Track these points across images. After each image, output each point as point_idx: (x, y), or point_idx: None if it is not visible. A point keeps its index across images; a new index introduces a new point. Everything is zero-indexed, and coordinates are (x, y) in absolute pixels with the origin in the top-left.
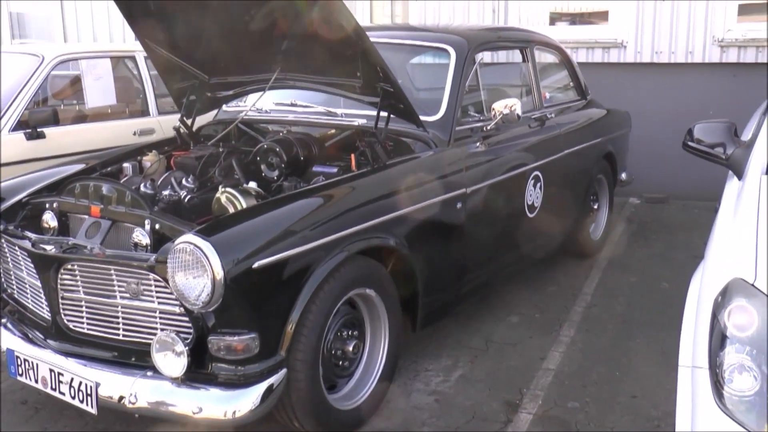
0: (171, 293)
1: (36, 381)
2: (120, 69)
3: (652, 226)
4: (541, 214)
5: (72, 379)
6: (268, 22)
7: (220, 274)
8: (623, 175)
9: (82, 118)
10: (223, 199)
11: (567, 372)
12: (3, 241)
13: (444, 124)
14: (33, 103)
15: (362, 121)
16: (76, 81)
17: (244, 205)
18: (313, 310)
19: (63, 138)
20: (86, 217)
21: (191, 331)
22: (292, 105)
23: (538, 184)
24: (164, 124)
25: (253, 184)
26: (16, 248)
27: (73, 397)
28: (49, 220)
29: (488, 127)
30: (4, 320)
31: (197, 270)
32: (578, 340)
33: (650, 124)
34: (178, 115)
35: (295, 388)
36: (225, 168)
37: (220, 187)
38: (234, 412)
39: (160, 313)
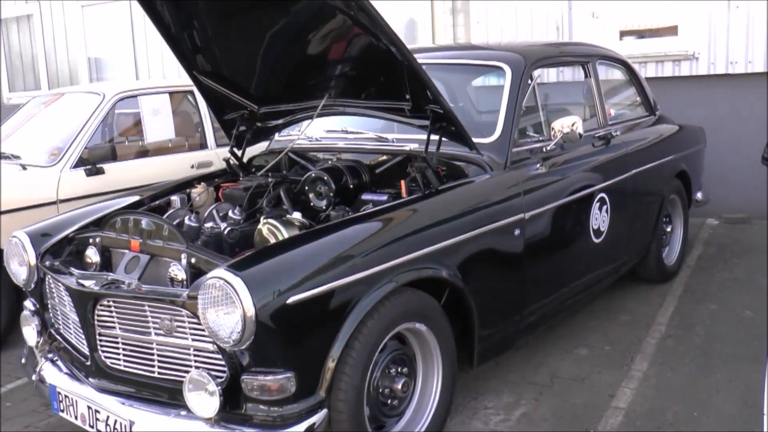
0: (204, 330)
1: (75, 417)
2: (180, 104)
3: (732, 249)
4: (608, 238)
5: (108, 417)
6: (317, 48)
7: (251, 310)
8: (698, 195)
9: (141, 153)
10: (265, 230)
11: (639, 411)
12: (49, 277)
13: (500, 146)
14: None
15: (414, 146)
16: (138, 119)
17: (286, 237)
18: (356, 347)
19: (122, 173)
20: (126, 251)
21: (225, 369)
22: (343, 132)
23: (604, 207)
24: (222, 157)
25: (297, 215)
26: (60, 284)
27: None
28: (92, 255)
29: (548, 148)
30: (50, 355)
31: (227, 306)
32: (652, 375)
33: (727, 140)
34: None
35: (338, 430)
36: (273, 198)
37: (261, 218)
38: None
39: (194, 350)
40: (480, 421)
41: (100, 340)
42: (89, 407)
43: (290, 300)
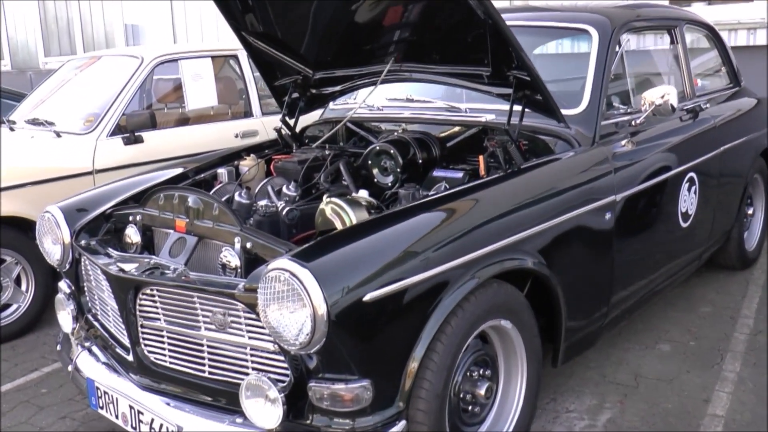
0: (263, 327)
1: (116, 417)
2: (223, 69)
3: None
4: (695, 222)
5: (152, 420)
6: (380, 6)
7: (322, 308)
8: None
9: (182, 121)
10: (328, 210)
11: (740, 421)
12: (85, 258)
13: (587, 118)
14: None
15: (490, 117)
16: (178, 85)
17: (353, 219)
18: (439, 350)
19: (162, 142)
20: (171, 232)
21: (288, 373)
22: (408, 100)
23: (693, 188)
24: (268, 126)
25: (363, 193)
26: (97, 267)
27: None
28: (132, 234)
29: (637, 121)
30: (87, 344)
31: (294, 303)
32: (746, 377)
33: None
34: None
35: None
36: (331, 173)
37: (324, 196)
38: None
39: (251, 349)
40: (563, 426)
41: (143, 333)
42: (131, 407)
43: (367, 297)
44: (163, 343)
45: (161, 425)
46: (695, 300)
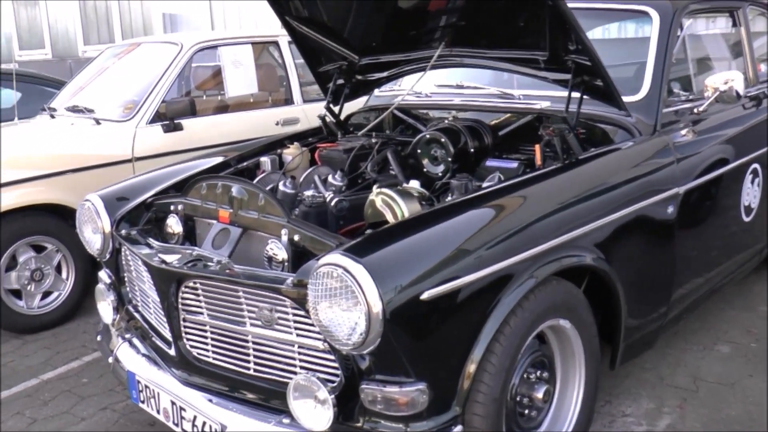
0: (312, 324)
1: (158, 411)
2: (262, 56)
3: None
4: (757, 216)
5: (195, 417)
6: None
7: (377, 307)
8: None
9: (222, 108)
10: (379, 202)
11: None
12: (125, 248)
13: (648, 105)
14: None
15: (545, 104)
16: (217, 71)
17: (405, 211)
18: (497, 351)
19: (201, 129)
20: (214, 222)
21: (339, 373)
22: (458, 87)
23: (757, 180)
24: (310, 113)
25: (415, 183)
26: (138, 258)
27: None
28: (174, 224)
29: (699, 109)
30: (128, 335)
31: (347, 301)
32: None
33: None
34: (324, 103)
35: None
36: (378, 162)
37: (374, 187)
38: None
39: (299, 347)
40: (620, 430)
41: (185, 327)
42: (173, 403)
43: (424, 295)
44: (206, 338)
45: (204, 423)
46: (753, 298)
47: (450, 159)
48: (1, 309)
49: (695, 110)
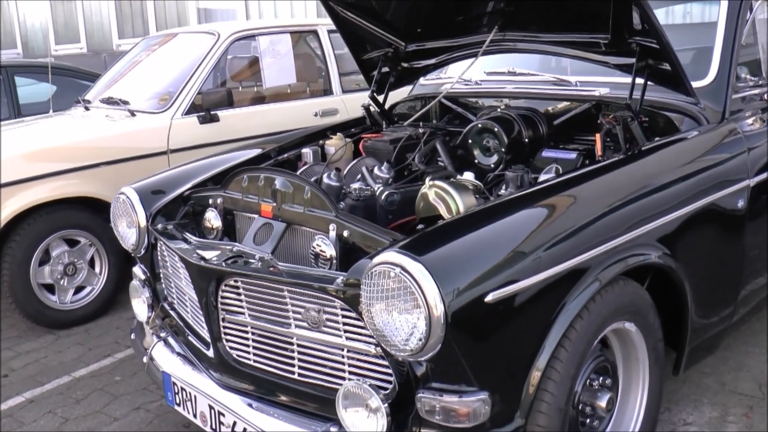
0: (364, 328)
1: (194, 415)
2: (300, 46)
3: None
4: None
5: (235, 423)
6: None
7: (439, 309)
8: None
9: (259, 99)
10: (432, 195)
11: None
12: (161, 243)
13: (716, 91)
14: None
15: (604, 91)
16: (255, 62)
17: (460, 205)
18: (562, 357)
19: (238, 121)
20: (255, 217)
21: (392, 379)
22: (510, 74)
23: None
24: (348, 104)
25: (469, 175)
26: (175, 255)
27: None
28: (212, 219)
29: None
30: (163, 334)
31: (405, 303)
32: None
33: None
34: (366, 93)
35: None
36: (426, 153)
37: (427, 179)
38: None
39: (348, 351)
40: None
41: (225, 327)
42: (211, 407)
43: (488, 297)
44: (247, 339)
45: (245, 429)
46: None
47: (503, 149)
48: (34, 304)
49: (764, 96)
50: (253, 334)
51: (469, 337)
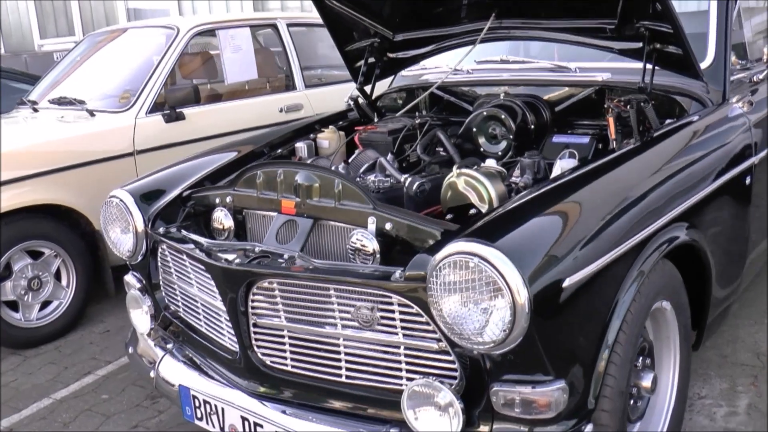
0: (425, 323)
1: (222, 429)
2: (259, 41)
3: None
4: None
5: None
6: None
7: (523, 297)
8: None
9: (220, 96)
10: (461, 183)
11: None
12: (165, 247)
13: (716, 73)
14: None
15: (606, 76)
16: (207, 57)
17: (492, 192)
18: (622, 340)
19: (204, 118)
20: (275, 214)
21: (456, 375)
22: (503, 62)
23: None
24: (312, 99)
25: (491, 162)
26: (184, 257)
27: None
28: (223, 219)
29: (760, 77)
30: (169, 346)
31: (485, 293)
32: None
33: None
34: (329, 88)
35: None
36: (427, 144)
37: (454, 168)
38: None
39: (405, 348)
40: (703, 415)
41: (256, 333)
42: (245, 419)
43: (566, 282)
44: (283, 344)
45: None
46: None
47: (512, 136)
48: None
49: (755, 77)
50: (290, 338)
51: (547, 324)
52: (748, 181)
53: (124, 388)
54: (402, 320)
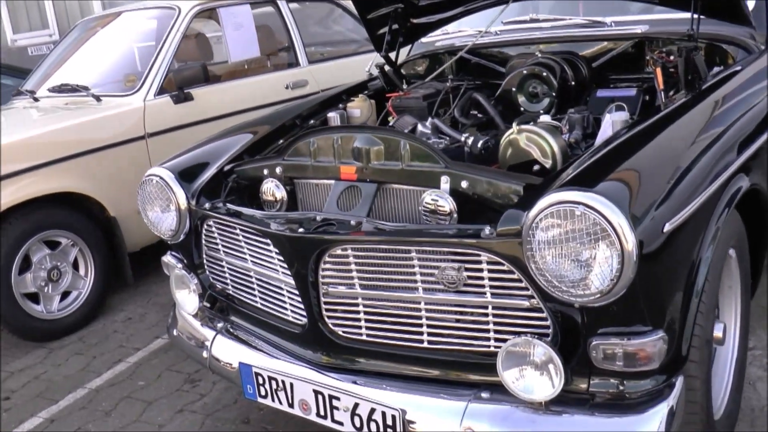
0: (517, 281)
1: (291, 405)
2: (259, 18)
3: None
4: None
5: (357, 405)
6: None
7: (631, 243)
8: None
9: (228, 74)
10: (523, 140)
11: None
12: (212, 223)
13: (758, 17)
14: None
15: (644, 28)
16: (201, 38)
17: (555, 146)
18: (707, 288)
19: (212, 98)
20: (330, 182)
21: (550, 332)
22: (533, 21)
23: None
24: (316, 75)
25: (546, 118)
26: (237, 231)
27: (360, 429)
28: (274, 190)
29: None
30: (220, 325)
31: (591, 242)
32: None
33: None
34: (332, 63)
35: (691, 403)
36: (464, 106)
37: (514, 124)
38: None
39: (493, 309)
40: (756, 366)
41: (327, 303)
42: (318, 392)
43: (666, 227)
44: (357, 312)
45: (372, 410)
46: None
47: (554, 94)
48: (20, 317)
49: None
50: (365, 306)
51: (649, 272)
52: None
53: (159, 374)
54: (491, 279)
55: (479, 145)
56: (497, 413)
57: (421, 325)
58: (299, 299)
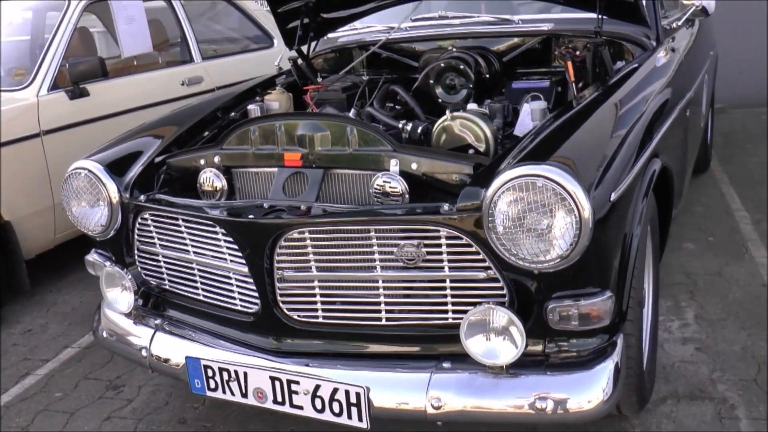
0: (474, 253)
1: (244, 395)
2: (149, 12)
3: (736, 136)
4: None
5: (317, 387)
6: None
7: (587, 211)
8: None
9: (119, 70)
10: (457, 126)
11: None
12: (148, 216)
13: (650, 18)
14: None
15: (550, 26)
16: (85, 33)
17: (487, 131)
18: (640, 250)
19: (109, 94)
20: (273, 170)
21: (506, 300)
22: (441, 18)
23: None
24: (211, 71)
25: (473, 106)
26: (179, 222)
27: (321, 411)
28: (213, 179)
29: (676, 24)
30: (157, 321)
31: (551, 212)
32: None
33: None
34: (227, 60)
35: (629, 359)
36: (382, 98)
37: (447, 111)
38: (584, 405)
39: (451, 282)
40: (662, 330)
41: (281, 288)
42: (274, 379)
43: (613, 196)
44: (312, 296)
45: (335, 390)
46: (685, 202)
47: (471, 86)
48: None
49: (674, 24)
50: (321, 288)
51: (599, 238)
52: (688, 113)
53: (77, 384)
54: (450, 253)
55: (419, 130)
56: (461, 381)
57: (378, 303)
58: (250, 287)
